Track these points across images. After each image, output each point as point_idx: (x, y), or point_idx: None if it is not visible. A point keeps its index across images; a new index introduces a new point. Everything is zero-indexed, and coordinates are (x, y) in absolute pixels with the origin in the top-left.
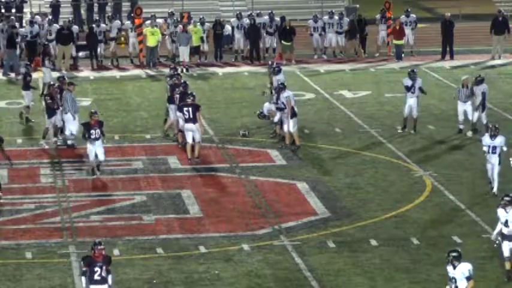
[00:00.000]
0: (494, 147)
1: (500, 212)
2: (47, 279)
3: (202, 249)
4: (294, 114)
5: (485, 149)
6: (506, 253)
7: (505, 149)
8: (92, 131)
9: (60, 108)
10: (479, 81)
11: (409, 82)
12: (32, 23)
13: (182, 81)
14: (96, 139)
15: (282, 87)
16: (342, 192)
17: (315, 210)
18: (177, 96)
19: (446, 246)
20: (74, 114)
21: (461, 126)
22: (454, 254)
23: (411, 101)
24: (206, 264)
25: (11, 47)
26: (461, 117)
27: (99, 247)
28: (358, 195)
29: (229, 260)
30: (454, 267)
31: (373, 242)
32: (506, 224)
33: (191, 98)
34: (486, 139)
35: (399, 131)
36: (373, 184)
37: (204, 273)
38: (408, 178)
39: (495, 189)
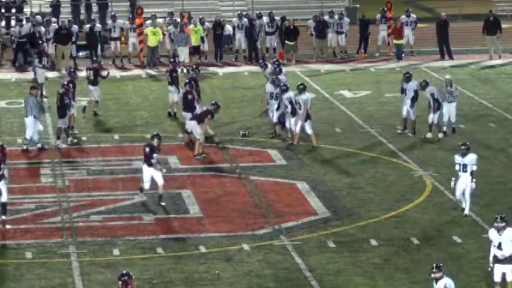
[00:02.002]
0: (465, 166)
1: (493, 233)
2: (47, 279)
3: (203, 249)
4: (306, 116)
5: (457, 167)
6: (497, 278)
7: (474, 168)
8: (154, 155)
9: (74, 103)
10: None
11: (404, 84)
12: (20, 21)
13: (189, 79)
14: (153, 164)
15: (284, 89)
16: (342, 192)
17: (315, 210)
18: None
19: (446, 246)
20: (34, 119)
21: (444, 128)
22: (434, 270)
23: (407, 102)
24: (206, 264)
25: (33, 46)
26: (445, 118)
27: (131, 279)
28: (358, 195)
29: (229, 260)
30: (436, 282)
31: (373, 242)
32: (499, 247)
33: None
34: (457, 157)
35: (399, 131)
36: (373, 184)
37: (204, 273)
38: (408, 178)
39: (466, 211)
